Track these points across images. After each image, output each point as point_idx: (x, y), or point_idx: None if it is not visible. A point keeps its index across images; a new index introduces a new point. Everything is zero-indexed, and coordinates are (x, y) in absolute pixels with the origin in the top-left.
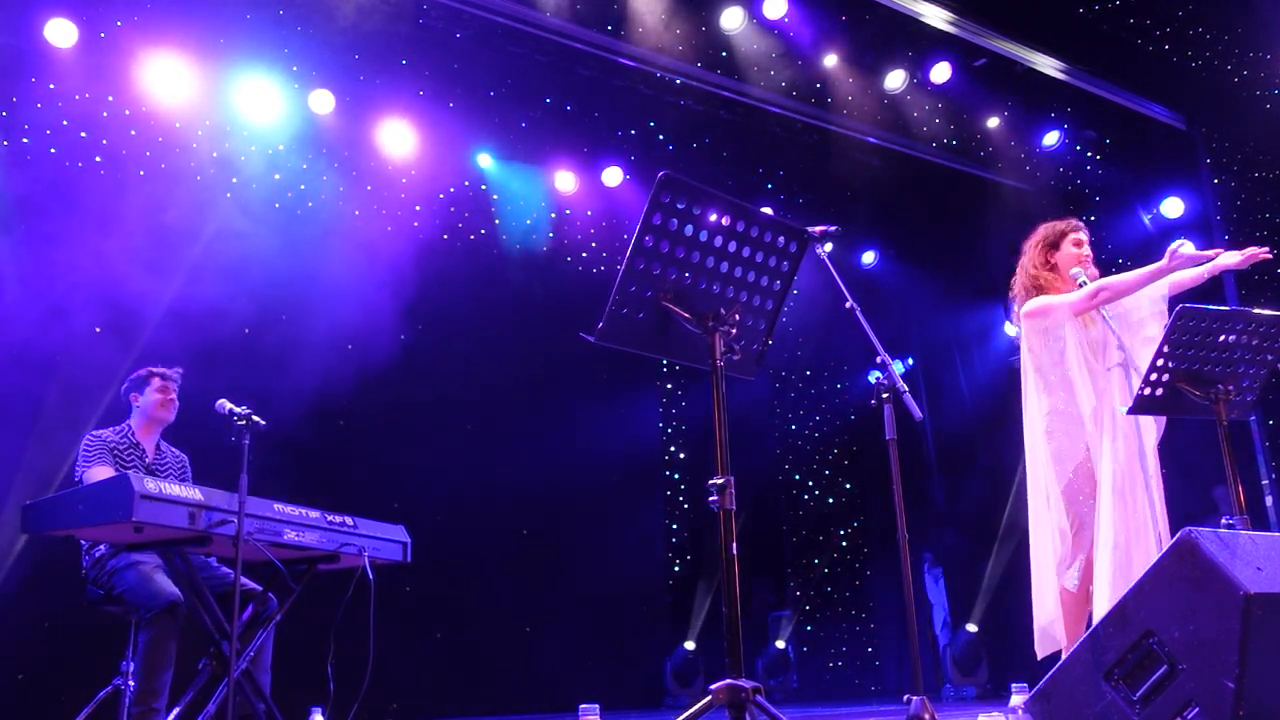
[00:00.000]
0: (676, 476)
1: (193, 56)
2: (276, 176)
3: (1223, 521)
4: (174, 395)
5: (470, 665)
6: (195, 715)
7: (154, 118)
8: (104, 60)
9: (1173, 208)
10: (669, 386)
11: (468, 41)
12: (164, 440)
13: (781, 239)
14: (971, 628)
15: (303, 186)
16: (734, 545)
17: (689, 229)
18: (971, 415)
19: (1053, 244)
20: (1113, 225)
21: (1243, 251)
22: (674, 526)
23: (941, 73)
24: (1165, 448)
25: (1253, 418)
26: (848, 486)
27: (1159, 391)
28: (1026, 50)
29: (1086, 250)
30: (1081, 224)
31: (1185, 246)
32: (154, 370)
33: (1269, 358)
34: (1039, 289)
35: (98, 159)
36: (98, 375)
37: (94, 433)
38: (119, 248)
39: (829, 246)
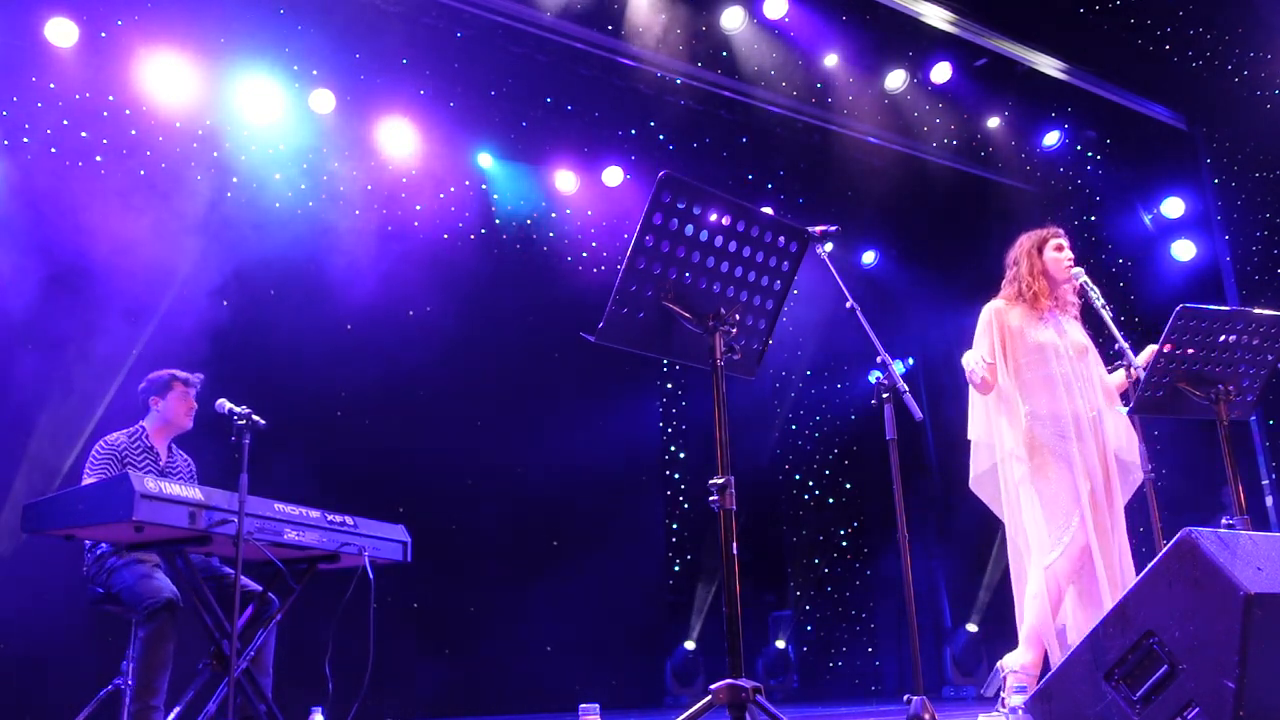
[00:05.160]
0: (676, 476)
1: (193, 56)
2: (277, 176)
3: (1223, 521)
4: (194, 404)
5: (470, 665)
6: (195, 715)
7: (154, 118)
8: (104, 60)
9: (1173, 207)
10: (669, 386)
11: (468, 41)
12: (175, 443)
13: (782, 239)
14: (972, 628)
15: (303, 186)
16: (734, 545)
17: (689, 228)
18: None
19: (1039, 251)
20: (1113, 225)
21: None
22: (674, 526)
23: (942, 73)
24: (1170, 448)
25: (1253, 418)
26: (848, 486)
27: (1160, 392)
28: (1027, 50)
29: (1068, 253)
30: (1060, 230)
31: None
32: (177, 375)
33: (1269, 358)
34: (1034, 296)
35: (98, 159)
36: (98, 374)
37: (106, 439)
38: (119, 248)
39: (829, 246)
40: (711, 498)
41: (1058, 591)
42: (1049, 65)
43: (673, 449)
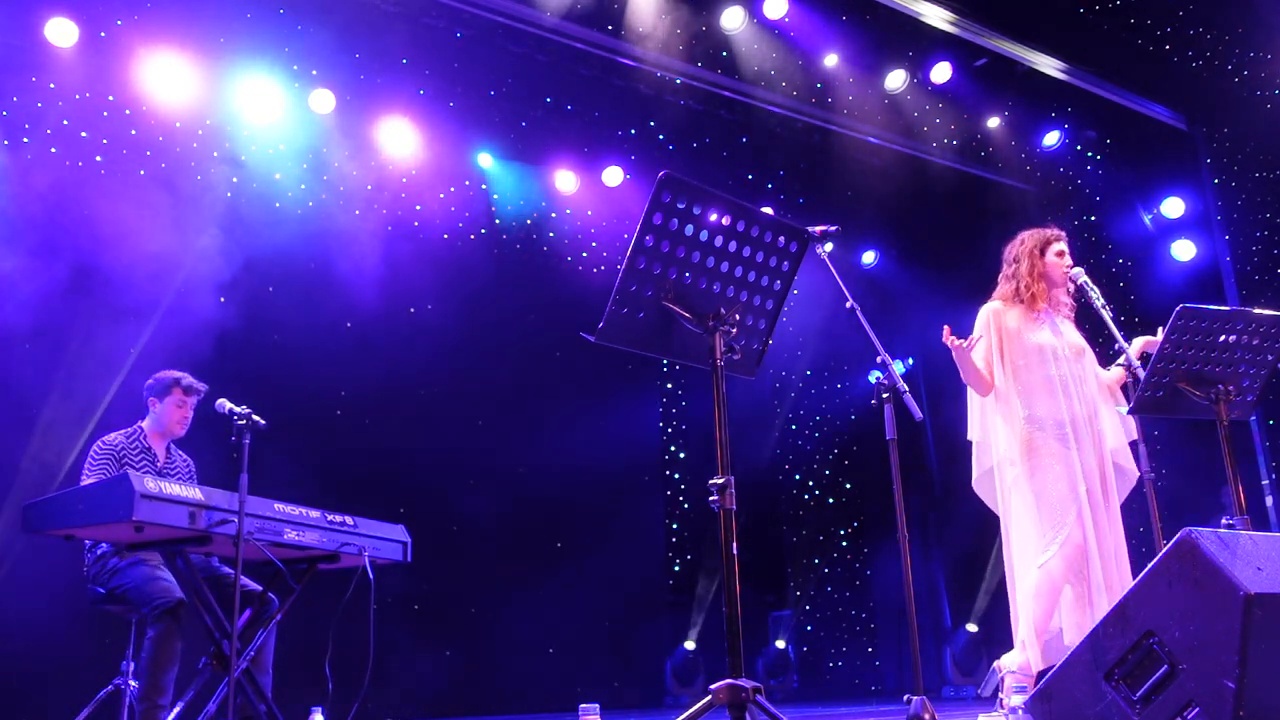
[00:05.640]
0: (676, 476)
1: (193, 56)
2: (277, 176)
3: (1223, 521)
4: (190, 412)
5: (470, 665)
6: (195, 714)
7: (154, 118)
8: (104, 60)
9: (1173, 207)
10: (669, 386)
11: (468, 41)
12: (174, 444)
13: (782, 239)
14: (972, 628)
15: (303, 186)
16: (734, 545)
17: (689, 228)
18: None
19: (1041, 253)
20: (1113, 225)
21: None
22: (674, 526)
23: (942, 73)
24: (1170, 448)
25: (1253, 418)
26: (848, 486)
27: (1160, 392)
28: (1027, 50)
29: (1068, 259)
30: (1062, 233)
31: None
32: (180, 382)
33: (1269, 358)
34: (1031, 297)
35: (98, 159)
36: (98, 374)
37: (104, 440)
38: (119, 248)
39: (829, 246)
40: (711, 498)
41: (1052, 591)
42: (1049, 65)
43: (673, 449)
